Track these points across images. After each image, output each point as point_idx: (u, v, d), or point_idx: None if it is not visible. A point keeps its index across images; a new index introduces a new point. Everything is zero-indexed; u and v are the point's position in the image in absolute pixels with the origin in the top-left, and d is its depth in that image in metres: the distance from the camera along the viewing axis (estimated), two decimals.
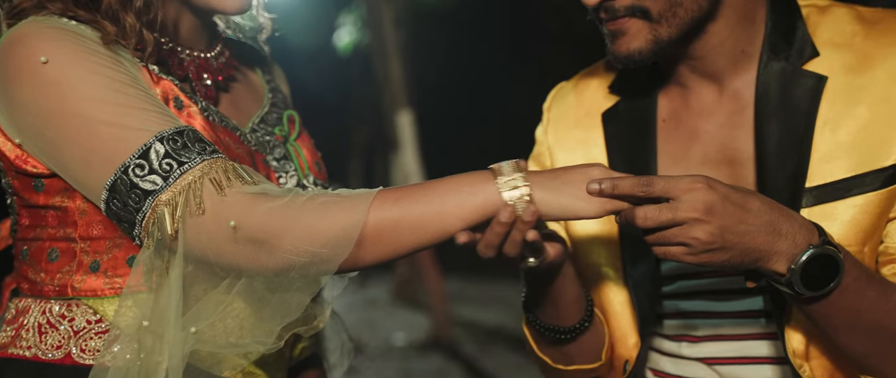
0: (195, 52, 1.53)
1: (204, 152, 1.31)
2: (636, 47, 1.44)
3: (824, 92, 1.43)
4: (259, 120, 1.60)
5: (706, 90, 1.54)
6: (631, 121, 1.59)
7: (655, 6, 1.41)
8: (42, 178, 1.40)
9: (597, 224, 1.60)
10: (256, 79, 1.69)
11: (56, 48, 1.33)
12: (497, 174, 1.27)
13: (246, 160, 1.47)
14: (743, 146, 1.50)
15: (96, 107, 1.30)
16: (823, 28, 1.48)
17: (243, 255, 1.27)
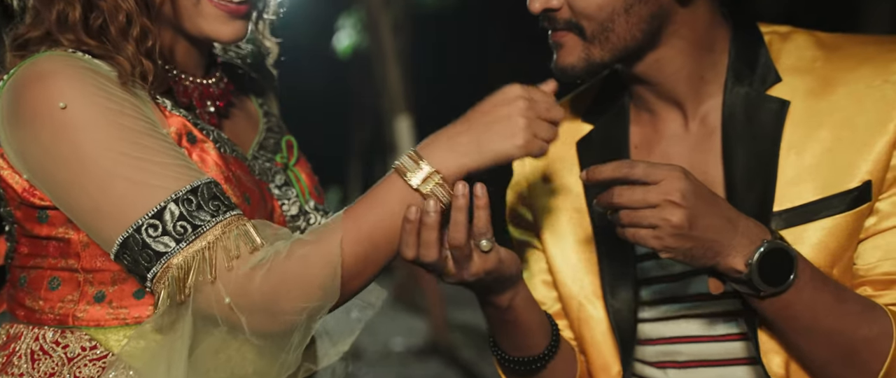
0: (197, 78, 1.53)
1: (218, 212, 1.32)
2: (570, 63, 1.48)
3: (788, 116, 1.46)
4: (257, 146, 1.60)
5: (673, 116, 1.56)
6: (605, 148, 1.60)
7: (589, 26, 1.45)
8: (47, 210, 1.40)
9: (577, 254, 1.62)
10: (251, 104, 1.70)
11: (75, 93, 1.32)
12: (403, 174, 1.31)
13: (255, 192, 1.49)
14: (712, 171, 1.52)
15: (113, 159, 1.31)
16: (785, 54, 1.51)
17: (248, 321, 1.30)
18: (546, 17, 1.48)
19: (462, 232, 1.31)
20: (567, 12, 1.46)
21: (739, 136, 1.48)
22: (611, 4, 1.43)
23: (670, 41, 1.49)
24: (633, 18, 1.44)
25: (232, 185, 1.42)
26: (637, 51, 1.48)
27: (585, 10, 1.44)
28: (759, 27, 1.55)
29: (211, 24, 1.46)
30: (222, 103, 1.55)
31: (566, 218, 1.63)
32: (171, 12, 1.45)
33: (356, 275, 1.33)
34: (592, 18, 1.44)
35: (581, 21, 1.45)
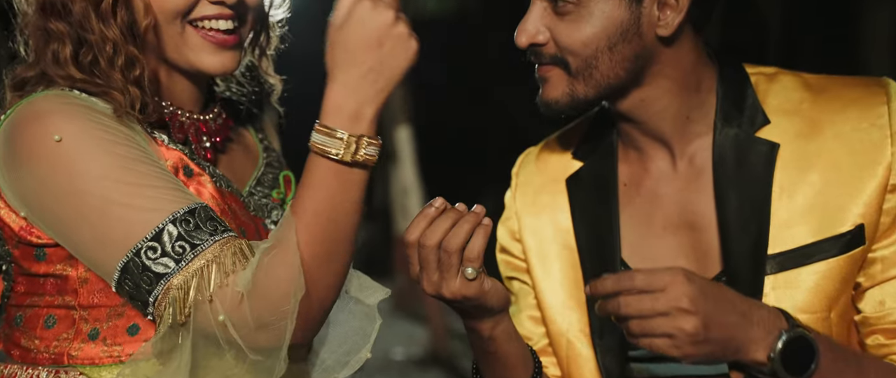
0: (194, 114, 1.53)
1: (215, 232, 1.33)
2: (554, 97, 1.50)
3: (778, 159, 1.48)
4: (255, 182, 1.60)
5: (661, 154, 1.57)
6: (594, 186, 1.62)
7: (574, 61, 1.47)
8: (45, 248, 1.41)
9: (566, 291, 1.62)
10: (250, 138, 1.69)
11: (70, 126, 1.34)
12: (325, 153, 1.31)
13: (250, 226, 1.49)
14: (702, 211, 1.53)
15: (109, 186, 1.32)
16: (772, 95, 1.52)
17: (245, 338, 1.31)
18: (532, 51, 1.50)
19: (458, 241, 1.35)
20: (553, 47, 1.48)
21: (731, 178, 1.49)
22: (595, 42, 1.45)
23: (655, 81, 1.50)
24: (617, 57, 1.46)
25: (227, 217, 1.43)
26: (621, 89, 1.50)
27: (570, 46, 1.46)
28: (745, 68, 1.56)
29: (197, 55, 1.46)
30: (219, 139, 1.56)
31: (555, 254, 1.64)
32: (154, 41, 1.45)
33: (323, 259, 1.33)
34: (577, 54, 1.46)
35: (566, 56, 1.47)
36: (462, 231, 1.35)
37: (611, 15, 1.45)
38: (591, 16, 1.45)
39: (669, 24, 1.46)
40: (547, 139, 1.76)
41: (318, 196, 1.33)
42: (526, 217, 1.70)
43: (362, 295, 1.47)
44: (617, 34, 1.45)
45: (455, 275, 1.36)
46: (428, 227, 1.36)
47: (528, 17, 1.49)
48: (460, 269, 1.36)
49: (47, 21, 1.43)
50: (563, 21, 1.46)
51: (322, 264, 1.33)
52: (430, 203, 1.38)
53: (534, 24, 1.48)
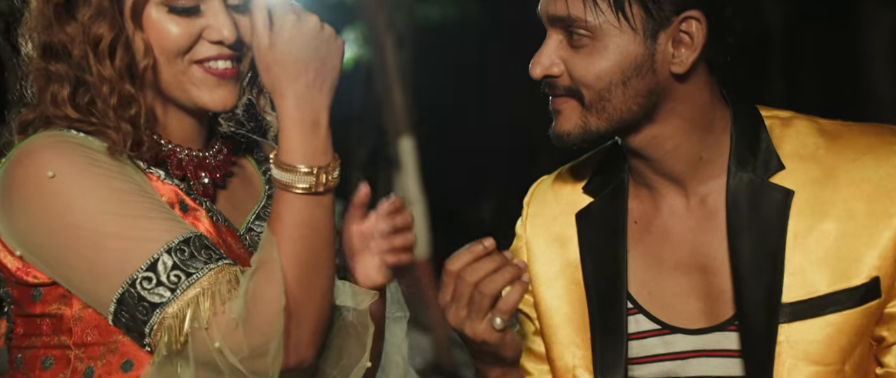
0: (193, 150, 1.54)
1: (210, 260, 1.35)
2: (567, 130, 1.50)
3: (792, 206, 1.46)
4: (254, 216, 1.60)
5: (673, 194, 1.56)
6: (603, 222, 1.61)
7: (588, 94, 1.46)
8: (40, 287, 1.41)
9: (571, 326, 1.62)
10: (253, 172, 1.69)
11: (62, 162, 1.35)
12: (291, 189, 1.35)
13: (244, 262, 1.48)
14: (714, 254, 1.52)
15: (103, 219, 1.33)
16: (787, 141, 1.51)
17: (245, 365, 1.32)
18: (547, 83, 1.50)
19: (496, 287, 1.40)
20: (567, 80, 1.48)
21: (744, 223, 1.48)
22: (609, 76, 1.45)
23: (668, 118, 1.50)
24: (630, 91, 1.45)
25: (222, 250, 1.43)
26: (634, 124, 1.49)
27: (584, 79, 1.46)
28: (760, 110, 1.55)
29: (198, 90, 1.47)
30: (219, 175, 1.56)
31: (563, 289, 1.63)
32: (154, 80, 1.46)
33: (308, 274, 1.35)
34: (591, 87, 1.46)
35: (581, 89, 1.47)
36: (501, 279, 1.40)
37: (625, 50, 1.44)
38: (606, 50, 1.44)
39: (684, 62, 1.45)
40: (560, 170, 1.75)
41: (292, 220, 1.36)
42: (535, 247, 1.69)
43: (352, 302, 1.48)
44: (631, 69, 1.44)
45: (482, 318, 1.41)
46: (472, 262, 1.40)
47: (544, 49, 1.49)
48: (489, 314, 1.41)
49: (48, 63, 1.45)
50: (578, 54, 1.46)
51: (308, 280, 1.36)
52: (480, 240, 1.42)
53: (548, 57, 1.48)
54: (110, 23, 1.41)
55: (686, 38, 1.45)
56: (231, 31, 1.45)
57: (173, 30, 1.43)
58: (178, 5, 1.43)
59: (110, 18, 1.41)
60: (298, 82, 1.35)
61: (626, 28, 1.43)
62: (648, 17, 1.43)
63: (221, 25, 1.45)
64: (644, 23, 1.43)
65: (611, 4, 1.43)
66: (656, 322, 1.55)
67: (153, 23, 1.43)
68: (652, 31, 1.44)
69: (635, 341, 1.56)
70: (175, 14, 1.43)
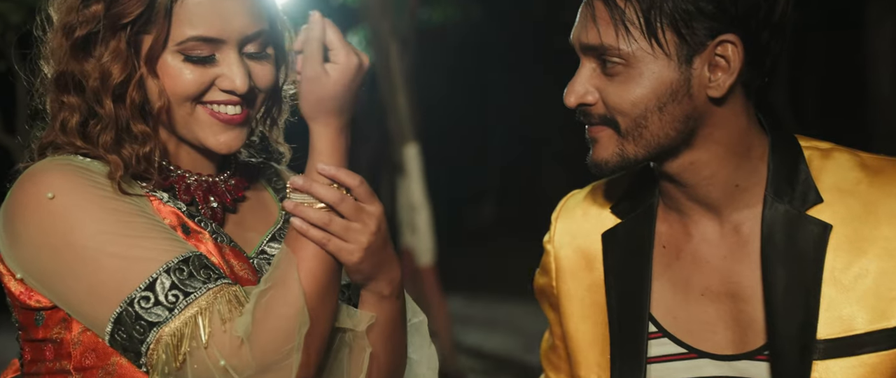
0: (203, 176, 1.55)
1: (209, 280, 1.36)
2: (603, 158, 1.48)
3: (830, 241, 1.44)
4: (269, 238, 1.60)
5: (705, 220, 1.54)
6: (628, 246, 1.59)
7: (624, 122, 1.45)
8: (42, 312, 1.42)
9: (591, 349, 1.61)
10: (268, 196, 1.69)
11: (61, 183, 1.37)
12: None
13: (249, 283, 1.49)
14: (746, 283, 1.50)
15: (102, 239, 1.35)
16: (827, 173, 1.48)
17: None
18: (581, 111, 1.49)
19: None
20: (602, 108, 1.46)
21: (779, 255, 1.46)
22: (644, 102, 1.43)
23: (705, 144, 1.47)
24: (667, 117, 1.43)
25: (224, 271, 1.44)
26: (672, 149, 1.47)
27: (619, 107, 1.44)
28: (799, 140, 1.53)
29: (204, 132, 1.49)
30: (228, 199, 1.57)
31: (589, 309, 1.62)
32: (167, 119, 1.48)
33: (324, 293, 1.38)
34: (626, 115, 1.44)
35: (616, 116, 1.45)
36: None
37: (660, 76, 1.42)
38: (641, 76, 1.42)
39: (721, 86, 1.43)
40: (591, 186, 1.74)
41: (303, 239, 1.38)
42: (564, 263, 1.68)
43: (350, 324, 1.48)
44: (666, 95, 1.43)
45: None
46: None
47: (577, 77, 1.48)
48: None
49: (61, 92, 1.47)
50: (612, 82, 1.44)
51: (323, 298, 1.38)
52: None
53: (582, 85, 1.47)
54: (124, 64, 1.43)
55: (722, 62, 1.43)
56: (244, 82, 1.46)
57: (187, 76, 1.45)
58: (194, 54, 1.45)
59: (125, 60, 1.43)
60: (341, 115, 1.39)
61: (660, 54, 1.41)
62: (682, 43, 1.41)
63: (235, 76, 1.46)
64: (678, 48, 1.41)
65: (643, 31, 1.41)
66: (683, 346, 1.54)
67: (168, 68, 1.45)
68: (686, 56, 1.42)
69: (660, 364, 1.55)
70: (190, 62, 1.45)
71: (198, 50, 1.45)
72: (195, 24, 1.44)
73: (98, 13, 1.43)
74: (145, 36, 1.44)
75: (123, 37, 1.43)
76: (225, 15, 1.45)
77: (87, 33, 1.44)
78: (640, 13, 1.40)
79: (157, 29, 1.43)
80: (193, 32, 1.44)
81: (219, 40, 1.45)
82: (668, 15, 1.39)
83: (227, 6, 1.46)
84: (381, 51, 7.62)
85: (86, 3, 1.44)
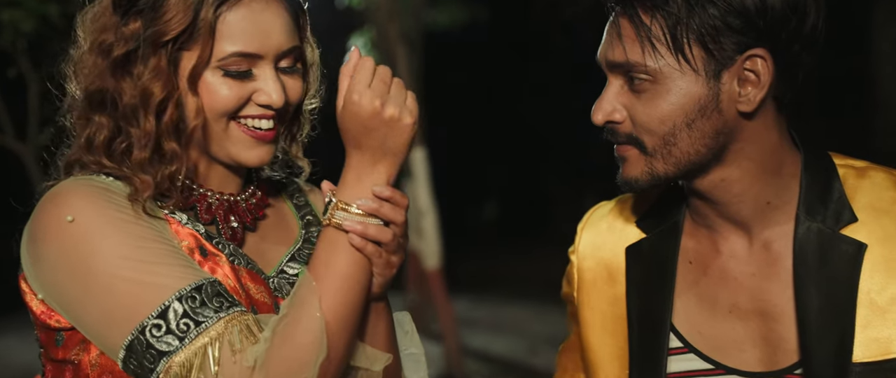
0: (224, 194, 1.55)
1: (221, 309, 1.35)
2: (633, 176, 1.47)
3: (865, 261, 1.41)
4: (289, 258, 1.60)
5: (735, 236, 1.52)
6: (653, 261, 1.58)
7: (650, 140, 1.43)
8: (62, 332, 1.42)
9: (611, 364, 1.60)
10: (288, 213, 1.69)
11: (82, 206, 1.37)
12: (339, 226, 1.39)
13: (265, 306, 1.49)
14: (776, 301, 1.48)
15: (118, 263, 1.34)
16: (862, 192, 1.46)
17: None
18: (609, 129, 1.47)
19: None
20: (629, 126, 1.45)
21: (812, 275, 1.43)
22: (672, 119, 1.41)
23: (737, 160, 1.45)
24: (696, 133, 1.42)
25: (239, 297, 1.44)
26: (702, 166, 1.45)
27: (647, 125, 1.42)
28: (833, 158, 1.50)
29: (236, 147, 1.49)
30: (249, 218, 1.57)
31: (611, 323, 1.61)
32: (202, 137, 1.47)
33: (345, 322, 1.37)
34: (654, 133, 1.42)
35: (642, 135, 1.43)
36: None
37: (688, 91, 1.40)
38: (668, 93, 1.41)
39: (751, 100, 1.41)
40: (618, 199, 1.72)
41: (339, 263, 1.38)
42: (587, 274, 1.66)
43: (365, 363, 1.48)
44: (695, 110, 1.41)
45: None
46: None
47: (605, 94, 1.46)
48: None
49: (92, 109, 1.46)
50: (639, 99, 1.43)
51: (343, 329, 1.37)
52: None
53: (610, 102, 1.46)
54: (165, 82, 1.42)
55: (752, 76, 1.40)
56: (280, 97, 1.46)
57: (226, 92, 1.45)
58: (233, 70, 1.44)
59: (166, 78, 1.42)
60: (355, 153, 1.41)
61: (687, 70, 1.40)
62: (710, 58, 1.39)
63: (271, 91, 1.46)
64: (706, 63, 1.40)
65: (670, 47, 1.39)
66: (710, 362, 1.52)
67: (208, 84, 1.44)
68: (715, 71, 1.40)
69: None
70: (229, 77, 1.44)
71: (237, 65, 1.44)
72: (236, 39, 1.44)
73: (137, 31, 1.42)
74: (185, 52, 1.44)
75: (164, 54, 1.42)
76: (265, 30, 1.45)
77: (126, 52, 1.43)
78: (666, 29, 1.39)
79: (200, 45, 1.42)
80: (235, 48, 1.44)
81: (257, 55, 1.45)
82: (695, 31, 1.38)
83: (266, 21, 1.46)
84: (388, 54, 7.61)
85: (124, 21, 1.43)
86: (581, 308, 1.65)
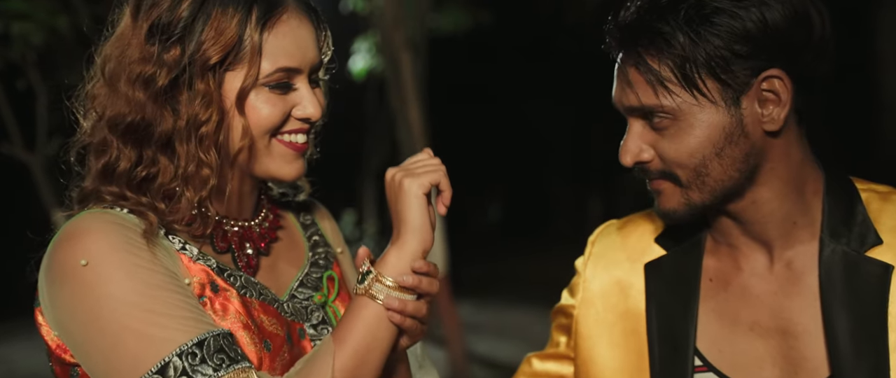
0: (238, 221, 1.55)
1: (221, 366, 1.34)
2: (671, 207, 1.48)
3: (892, 283, 1.41)
4: (298, 283, 1.60)
5: (757, 254, 1.53)
6: (674, 279, 1.58)
7: (683, 174, 1.44)
8: (76, 367, 1.42)
9: (616, 371, 1.60)
10: (297, 234, 1.70)
11: (96, 250, 1.36)
12: (372, 296, 1.40)
13: (278, 337, 1.49)
14: (798, 319, 1.48)
15: (125, 312, 1.33)
16: (887, 215, 1.46)
17: None
18: (639, 168, 1.48)
19: None
20: (658, 163, 1.45)
21: (840, 298, 1.43)
22: (701, 151, 1.42)
23: (769, 180, 1.46)
24: (727, 160, 1.42)
25: (251, 332, 1.44)
26: (737, 190, 1.46)
27: (677, 159, 1.43)
28: (855, 183, 1.51)
29: (277, 163, 1.49)
30: (263, 245, 1.57)
31: (620, 337, 1.61)
32: (246, 157, 1.47)
33: None
34: (685, 166, 1.43)
35: (674, 170, 1.44)
36: None
37: (711, 122, 1.41)
38: (692, 127, 1.41)
39: (776, 119, 1.42)
40: (632, 216, 1.72)
41: (360, 331, 1.39)
42: (594, 287, 1.66)
43: None
44: (722, 139, 1.41)
45: None
46: None
47: (629, 136, 1.47)
48: None
49: (118, 138, 1.44)
50: (663, 136, 1.43)
51: None
52: None
53: (635, 143, 1.46)
54: (217, 107, 1.42)
55: (772, 96, 1.41)
56: (317, 110, 1.48)
57: (271, 109, 1.45)
58: (277, 85, 1.45)
59: (217, 103, 1.42)
60: (395, 225, 1.44)
61: (705, 103, 1.40)
62: (725, 87, 1.40)
63: (309, 104, 1.47)
64: (722, 93, 1.40)
65: (682, 85, 1.40)
66: None
67: (252, 103, 1.44)
68: (733, 98, 1.40)
69: None
70: (273, 93, 1.45)
71: (281, 80, 1.45)
72: (280, 56, 1.44)
73: (178, 58, 1.41)
74: (229, 73, 1.43)
75: (211, 78, 1.41)
76: (302, 44, 1.46)
77: (169, 81, 1.41)
78: (675, 69, 1.39)
79: (246, 65, 1.42)
80: (280, 64, 1.44)
81: (298, 70, 1.46)
82: (704, 64, 1.38)
83: (303, 36, 1.47)
84: (393, 59, 7.61)
85: (164, 49, 1.41)
86: (581, 321, 1.65)
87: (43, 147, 6.02)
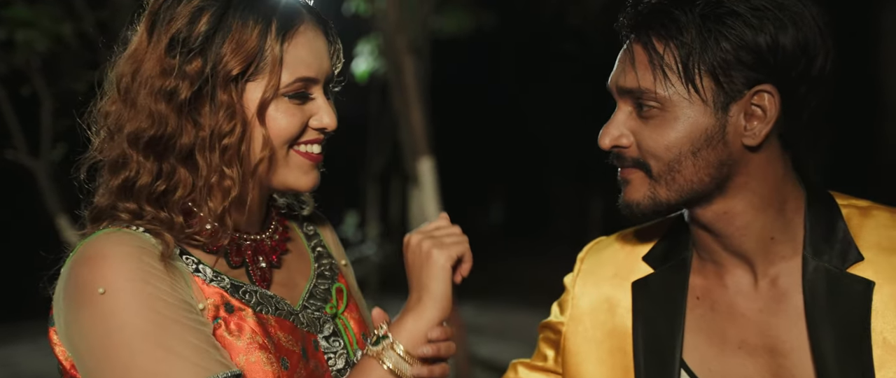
0: (251, 234, 1.56)
1: None
2: (635, 199, 1.49)
3: (874, 299, 1.42)
4: (308, 294, 1.61)
5: (741, 272, 1.54)
6: (661, 297, 1.59)
7: (656, 165, 1.46)
8: None
9: None
10: (302, 244, 1.71)
11: (115, 277, 1.35)
12: (381, 360, 1.44)
13: (294, 353, 1.50)
14: (785, 337, 1.49)
15: (137, 348, 1.32)
16: (867, 231, 1.47)
17: None
18: (615, 154, 1.50)
19: None
20: (635, 151, 1.48)
21: (824, 316, 1.44)
22: (678, 146, 1.44)
23: (740, 193, 1.48)
24: (701, 162, 1.44)
25: (267, 352, 1.44)
26: (705, 196, 1.48)
27: (653, 150, 1.45)
28: (835, 198, 1.52)
29: (294, 174, 1.50)
30: (275, 257, 1.58)
31: (607, 354, 1.62)
32: (266, 168, 1.48)
33: None
34: (660, 158, 1.45)
35: (648, 160, 1.46)
36: None
37: (696, 121, 1.43)
38: (676, 121, 1.44)
39: (756, 134, 1.44)
40: (621, 233, 1.74)
41: None
42: (582, 304, 1.68)
43: None
44: (701, 140, 1.43)
45: None
46: None
47: (613, 120, 1.49)
48: None
49: (139, 152, 1.44)
50: (647, 125, 1.46)
51: None
52: None
53: (618, 127, 1.49)
54: (240, 119, 1.42)
55: (758, 111, 1.43)
56: (333, 120, 1.50)
57: (290, 119, 1.46)
58: (296, 95, 1.46)
59: (240, 114, 1.43)
60: (412, 291, 1.50)
61: (696, 100, 1.43)
62: (719, 90, 1.42)
63: (326, 114, 1.49)
64: (715, 95, 1.42)
65: (681, 77, 1.42)
66: None
67: (271, 115, 1.45)
68: (723, 103, 1.43)
69: None
70: (292, 102, 1.46)
71: (299, 90, 1.46)
72: (299, 66, 1.46)
73: (199, 69, 1.42)
74: (250, 83, 1.44)
75: (233, 89, 1.43)
76: (319, 54, 1.49)
77: (192, 93, 1.42)
78: (678, 59, 1.42)
79: (267, 75, 1.44)
80: (299, 74, 1.46)
81: (316, 80, 1.48)
82: (707, 62, 1.40)
83: (319, 47, 1.49)
84: (395, 62, 7.62)
85: (185, 62, 1.42)
86: (569, 338, 1.66)
87: (47, 153, 6.06)
